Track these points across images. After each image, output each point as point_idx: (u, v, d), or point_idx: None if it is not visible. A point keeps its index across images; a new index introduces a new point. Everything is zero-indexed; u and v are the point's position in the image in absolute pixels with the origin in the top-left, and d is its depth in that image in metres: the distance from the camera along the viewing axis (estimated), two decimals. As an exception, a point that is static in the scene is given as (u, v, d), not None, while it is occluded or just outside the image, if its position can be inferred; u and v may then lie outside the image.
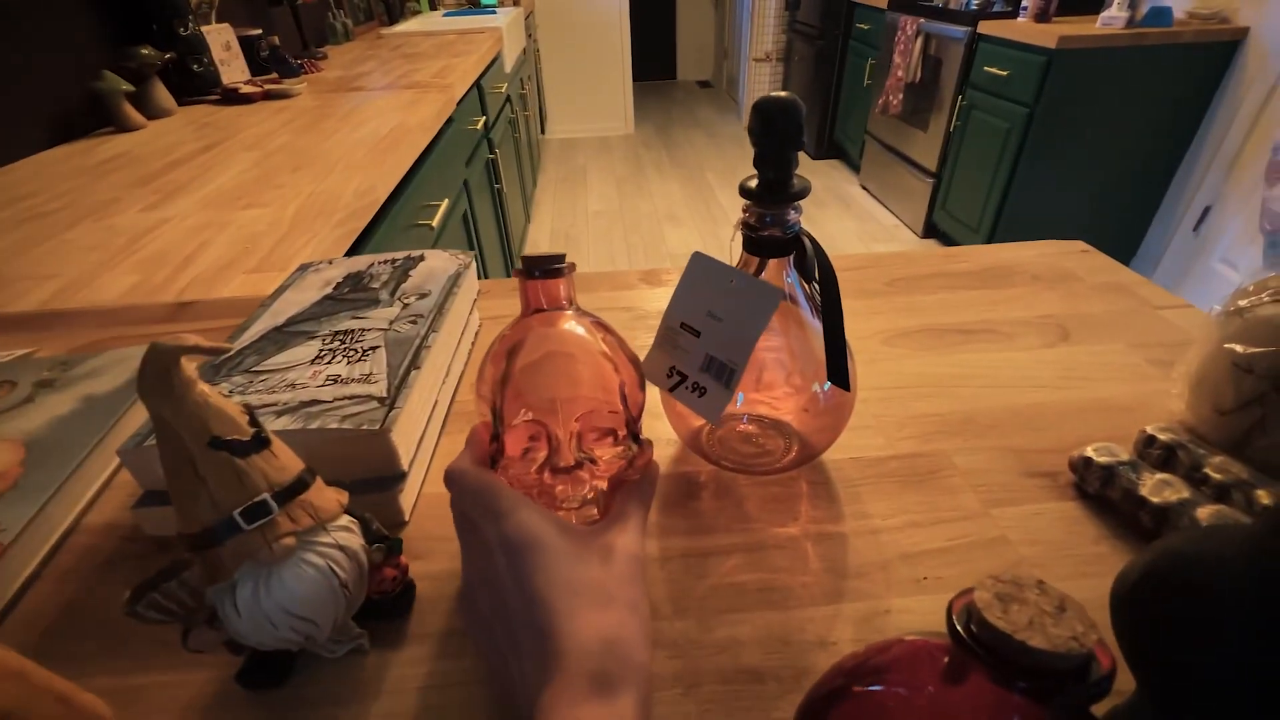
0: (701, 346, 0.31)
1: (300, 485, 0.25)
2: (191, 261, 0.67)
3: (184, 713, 0.27)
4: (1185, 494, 0.32)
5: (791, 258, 0.32)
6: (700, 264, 0.32)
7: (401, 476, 0.34)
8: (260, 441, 0.24)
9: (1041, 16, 2.13)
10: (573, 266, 0.29)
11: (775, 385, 0.37)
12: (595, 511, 0.28)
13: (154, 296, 0.60)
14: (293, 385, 0.36)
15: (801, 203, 0.30)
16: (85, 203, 0.84)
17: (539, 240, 2.89)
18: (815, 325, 0.33)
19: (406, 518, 0.35)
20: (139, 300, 0.60)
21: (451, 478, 0.26)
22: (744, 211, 0.31)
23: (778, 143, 0.28)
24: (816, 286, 0.32)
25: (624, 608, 0.22)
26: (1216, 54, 1.97)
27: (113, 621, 0.31)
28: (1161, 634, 0.20)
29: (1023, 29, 2.07)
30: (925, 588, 0.31)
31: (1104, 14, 2.00)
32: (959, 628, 0.14)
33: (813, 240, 0.32)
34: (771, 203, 0.30)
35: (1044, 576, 0.31)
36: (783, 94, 0.28)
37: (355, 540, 0.27)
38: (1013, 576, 0.15)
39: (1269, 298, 0.35)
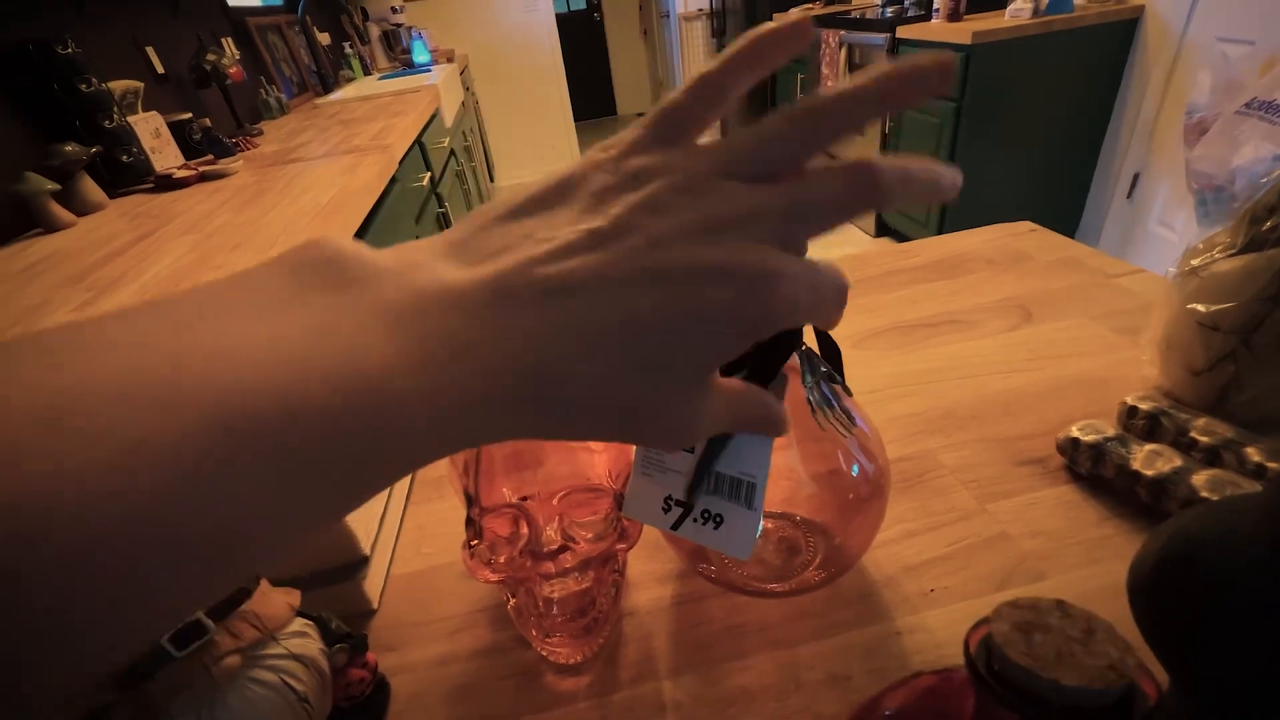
0: (702, 459, 0.23)
1: (240, 594, 0.23)
2: (128, 357, 0.63)
3: None
4: (1177, 462, 0.31)
5: None
6: None
7: (364, 562, 0.32)
8: (187, 553, 0.22)
9: (953, 16, 2.23)
10: None
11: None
12: (586, 583, 0.26)
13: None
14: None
15: None
16: (11, 309, 0.80)
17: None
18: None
19: (375, 605, 0.32)
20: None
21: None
22: None
23: None
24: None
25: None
26: (1119, 32, 2.08)
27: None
28: (1186, 625, 0.19)
29: (937, 29, 2.16)
30: (934, 600, 0.29)
31: (1010, 7, 2.10)
32: (980, 670, 0.12)
33: None
34: None
35: (1050, 568, 0.30)
36: None
37: (313, 646, 0.24)
38: (1030, 601, 0.13)
39: (1220, 254, 0.35)
